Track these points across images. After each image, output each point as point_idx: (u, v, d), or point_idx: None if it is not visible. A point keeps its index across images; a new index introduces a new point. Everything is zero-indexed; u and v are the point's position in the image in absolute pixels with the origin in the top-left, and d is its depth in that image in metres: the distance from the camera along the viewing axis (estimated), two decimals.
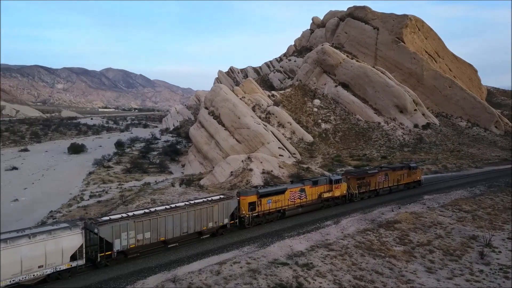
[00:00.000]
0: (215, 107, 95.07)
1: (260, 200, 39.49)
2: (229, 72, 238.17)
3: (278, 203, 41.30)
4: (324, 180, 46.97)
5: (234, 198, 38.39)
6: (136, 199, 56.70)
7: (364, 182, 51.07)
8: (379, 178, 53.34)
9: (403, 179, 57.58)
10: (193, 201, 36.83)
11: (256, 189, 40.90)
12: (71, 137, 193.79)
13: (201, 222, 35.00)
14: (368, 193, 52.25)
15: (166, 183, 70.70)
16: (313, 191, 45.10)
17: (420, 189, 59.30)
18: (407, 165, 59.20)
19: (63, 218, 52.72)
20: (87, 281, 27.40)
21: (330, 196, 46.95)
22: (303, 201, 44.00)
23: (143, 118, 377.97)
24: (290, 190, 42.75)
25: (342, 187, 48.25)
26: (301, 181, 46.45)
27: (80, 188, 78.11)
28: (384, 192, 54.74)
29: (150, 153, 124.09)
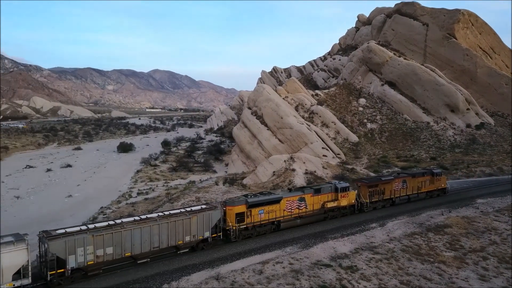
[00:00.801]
0: (258, 107, 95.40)
1: (250, 210, 35.52)
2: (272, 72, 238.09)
3: (272, 213, 37.20)
4: (328, 188, 42.36)
5: (217, 209, 34.03)
6: (182, 197, 57.99)
7: (376, 190, 46.20)
8: (395, 185, 48.21)
9: (425, 187, 51.99)
10: (168, 212, 32.69)
11: (245, 198, 36.80)
12: (120, 136, 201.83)
13: (176, 235, 31.04)
14: (382, 202, 47.20)
15: (210, 182, 71.77)
16: (315, 200, 40.54)
17: (472, 192, 56.20)
18: (430, 171, 53.67)
19: (113, 214, 54.95)
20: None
21: (335, 206, 42.08)
22: (302, 211, 39.55)
23: (189, 118, 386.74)
24: (286, 199, 38.45)
25: (350, 196, 43.42)
26: (301, 189, 41.91)
27: (128, 186, 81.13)
28: (402, 201, 49.42)
29: (195, 152, 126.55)
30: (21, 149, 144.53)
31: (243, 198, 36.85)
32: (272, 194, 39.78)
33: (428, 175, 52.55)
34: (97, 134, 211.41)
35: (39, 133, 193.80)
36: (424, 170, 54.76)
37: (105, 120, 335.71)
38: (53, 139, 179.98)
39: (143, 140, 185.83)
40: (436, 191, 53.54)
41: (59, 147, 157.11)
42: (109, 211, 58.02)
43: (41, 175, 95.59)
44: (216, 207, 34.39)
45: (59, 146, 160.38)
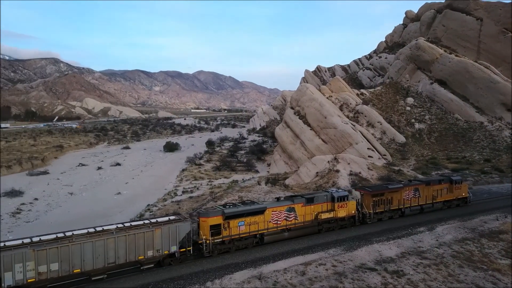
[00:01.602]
0: (301, 106, 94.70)
1: (228, 222, 32.26)
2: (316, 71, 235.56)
3: (254, 225, 33.67)
4: (323, 197, 38.43)
5: (186, 221, 30.82)
6: (225, 196, 58.69)
7: (382, 200, 41.95)
8: (405, 194, 43.75)
9: (441, 196, 46.92)
10: (129, 223, 29.88)
11: (222, 208, 33.37)
12: (167, 136, 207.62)
13: (136, 250, 28.10)
14: (389, 212, 42.81)
15: (253, 181, 72.06)
16: (308, 211, 36.82)
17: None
18: (448, 178, 48.49)
19: (159, 212, 56.54)
20: None
21: (331, 217, 38.11)
22: (291, 223, 35.86)
23: (232, 119, 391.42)
24: (272, 210, 34.82)
25: (349, 206, 39.29)
26: (290, 198, 37.80)
27: (174, 184, 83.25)
28: (413, 212, 44.87)
29: (238, 152, 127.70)
30: (74, 148, 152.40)
31: (219, 208, 33.32)
32: (255, 203, 35.43)
33: (445, 183, 47.51)
34: (144, 133, 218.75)
35: (91, 133, 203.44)
36: (441, 177, 49.66)
37: (152, 120, 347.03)
38: (103, 138, 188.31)
39: (188, 140, 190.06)
40: (455, 201, 48.31)
41: (109, 146, 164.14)
42: (155, 209, 59.80)
43: (93, 173, 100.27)
44: (186, 218, 31.30)
45: (109, 145, 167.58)
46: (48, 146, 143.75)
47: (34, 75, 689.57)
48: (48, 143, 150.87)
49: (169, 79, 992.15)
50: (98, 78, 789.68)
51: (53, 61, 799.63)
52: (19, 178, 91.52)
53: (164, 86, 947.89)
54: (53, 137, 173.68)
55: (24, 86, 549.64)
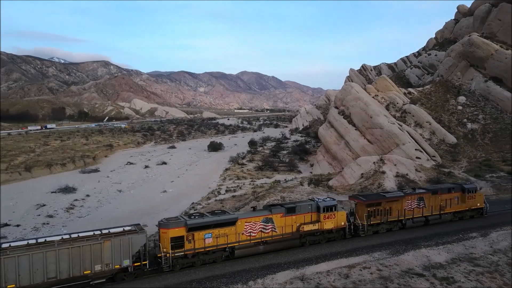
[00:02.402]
0: (345, 106, 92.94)
1: (192, 233, 29.66)
2: (361, 70, 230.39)
3: (223, 238, 30.81)
4: (307, 206, 34.95)
5: (142, 232, 28.40)
6: (267, 196, 58.73)
7: (379, 210, 37.89)
8: (407, 204, 39.52)
9: (451, 206, 42.16)
10: (76, 234, 27.47)
11: (185, 219, 30.65)
12: (211, 136, 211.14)
13: (82, 264, 25.92)
14: (386, 224, 38.53)
15: (295, 182, 71.63)
16: (288, 222, 33.69)
17: None
18: (460, 187, 43.59)
19: (203, 209, 57.49)
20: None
21: (315, 230, 34.77)
22: (268, 235, 32.80)
23: (274, 119, 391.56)
24: (245, 221, 31.97)
25: (338, 217, 35.65)
26: (268, 208, 34.53)
27: (217, 183, 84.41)
28: (416, 224, 40.18)
29: (280, 152, 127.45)
30: (123, 147, 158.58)
31: (183, 219, 30.72)
32: (226, 214, 32.67)
33: (456, 192, 42.66)
34: (189, 133, 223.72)
35: (139, 132, 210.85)
36: (451, 185, 44.83)
37: (197, 120, 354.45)
38: (150, 138, 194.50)
39: (231, 139, 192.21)
40: (468, 212, 43.37)
41: (155, 146, 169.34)
42: (199, 207, 60.87)
43: (140, 171, 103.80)
44: (142, 229, 28.89)
45: (155, 145, 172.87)
46: (99, 145, 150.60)
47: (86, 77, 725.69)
48: (99, 142, 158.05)
49: (213, 80, 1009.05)
50: (146, 80, 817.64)
51: (104, 63, 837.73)
52: (72, 175, 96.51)
53: (209, 87, 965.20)
54: (104, 137, 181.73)
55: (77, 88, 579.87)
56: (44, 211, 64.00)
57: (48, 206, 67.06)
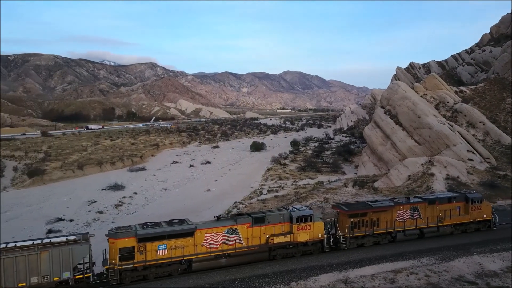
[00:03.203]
0: (392, 105, 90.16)
1: (144, 244, 27.87)
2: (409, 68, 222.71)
3: (179, 250, 28.68)
4: (278, 216, 32.09)
5: (84, 243, 26.50)
6: (310, 197, 58.15)
7: (364, 221, 34.59)
8: (398, 214, 35.95)
9: (451, 217, 37.88)
10: (13, 243, 25.84)
11: (136, 228, 28.59)
12: (253, 136, 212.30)
13: (16, 276, 24.12)
14: (373, 237, 35.08)
15: (339, 183, 70.42)
16: (256, 233, 31.01)
17: None
18: (463, 196, 39.26)
19: (246, 209, 57.85)
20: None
21: (288, 242, 31.91)
22: (231, 247, 30.28)
23: (318, 118, 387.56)
24: (206, 231, 29.65)
25: (313, 228, 32.58)
26: (233, 218, 31.95)
27: (259, 183, 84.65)
28: (409, 237, 36.36)
29: (323, 153, 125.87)
30: (169, 146, 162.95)
31: (133, 228, 28.71)
32: (184, 223, 30.02)
33: (458, 201, 38.60)
34: (232, 133, 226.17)
35: (184, 132, 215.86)
36: (452, 194, 40.57)
37: (240, 120, 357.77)
38: (195, 137, 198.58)
39: (273, 139, 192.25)
40: (473, 224, 39.01)
41: (200, 145, 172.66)
42: (242, 206, 61.31)
43: (185, 170, 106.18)
44: (87, 240, 27.08)
45: (200, 144, 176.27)
46: (146, 144, 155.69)
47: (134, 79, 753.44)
48: (146, 142, 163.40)
49: (256, 80, 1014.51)
50: (191, 81, 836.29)
51: (151, 65, 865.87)
52: (121, 173, 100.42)
53: (252, 87, 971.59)
54: (151, 136, 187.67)
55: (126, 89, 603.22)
56: (95, 207, 67.05)
57: (99, 203, 70.18)
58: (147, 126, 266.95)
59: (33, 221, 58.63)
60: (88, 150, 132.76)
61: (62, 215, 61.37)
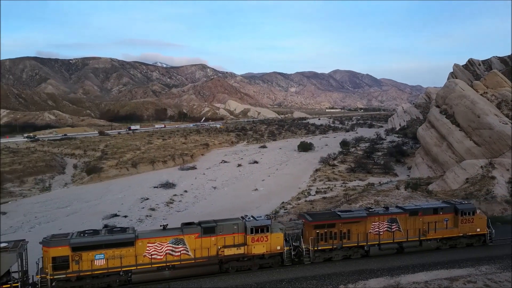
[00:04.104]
0: (448, 105, 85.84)
1: (80, 253, 26.26)
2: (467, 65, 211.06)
3: (117, 260, 27.06)
4: (231, 226, 29.61)
5: (12, 251, 24.57)
6: (360, 199, 56.73)
7: (331, 232, 31.31)
8: (373, 226, 32.44)
9: (436, 231, 33.62)
10: None
11: (69, 237, 26.85)
12: (301, 136, 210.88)
13: None
14: (342, 251, 31.81)
15: (390, 185, 68.15)
16: (205, 244, 28.77)
17: None
18: (452, 207, 34.85)
19: (293, 210, 57.53)
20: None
21: (240, 254, 29.36)
22: (176, 258, 28.27)
23: (368, 118, 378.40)
24: (148, 241, 27.83)
25: (271, 240, 29.86)
26: (180, 227, 29.58)
27: (307, 183, 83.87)
28: (385, 252, 32.64)
29: (374, 154, 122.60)
30: (218, 146, 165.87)
31: (69, 236, 27.08)
32: (126, 232, 28.17)
33: (446, 212, 34.28)
34: (280, 133, 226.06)
35: (232, 132, 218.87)
36: (439, 204, 36.00)
37: (287, 120, 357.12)
38: (243, 137, 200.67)
39: (322, 139, 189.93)
40: (464, 239, 34.60)
41: (248, 145, 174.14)
42: (289, 207, 61.05)
43: (233, 169, 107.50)
44: (16, 248, 24.94)
45: (248, 144, 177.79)
46: (196, 144, 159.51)
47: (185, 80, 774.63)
48: (196, 141, 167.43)
49: (305, 79, 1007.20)
50: (239, 81, 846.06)
51: (201, 67, 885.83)
52: (172, 172, 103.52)
53: (300, 87, 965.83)
54: (200, 136, 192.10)
55: (178, 90, 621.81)
56: (148, 204, 69.59)
57: (151, 200, 72.76)
58: (198, 126, 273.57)
59: (91, 216, 61.93)
60: (141, 149, 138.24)
61: (117, 211, 64.26)
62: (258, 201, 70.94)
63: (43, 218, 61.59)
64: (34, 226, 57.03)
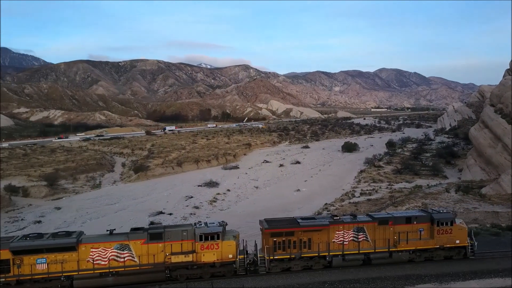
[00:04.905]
0: (504, 104, 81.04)
1: (21, 257, 26.00)
2: None
3: (59, 265, 26.53)
4: (180, 232, 28.40)
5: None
6: (406, 202, 54.86)
7: (290, 241, 29.52)
8: (337, 235, 30.33)
9: (408, 242, 30.96)
10: None
11: (10, 240, 26.72)
12: (345, 136, 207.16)
13: None
14: (302, 261, 29.87)
15: (440, 188, 65.36)
16: (152, 250, 27.85)
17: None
18: (428, 216, 31.99)
19: (336, 211, 56.53)
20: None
21: (188, 262, 28.12)
22: (120, 265, 27.48)
23: (416, 118, 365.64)
24: (91, 246, 27.17)
25: (222, 248, 28.39)
26: (127, 233, 28.93)
27: (351, 185, 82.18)
28: (349, 263, 30.31)
29: (422, 155, 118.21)
30: (260, 146, 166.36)
31: (9, 239, 26.95)
32: (71, 236, 27.70)
33: (421, 222, 31.51)
34: (323, 133, 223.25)
35: (274, 132, 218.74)
36: (413, 213, 33.38)
37: (331, 120, 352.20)
38: (285, 137, 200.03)
39: (367, 140, 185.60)
40: (441, 251, 31.56)
41: (290, 145, 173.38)
42: (332, 208, 60.07)
43: (275, 169, 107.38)
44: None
45: (290, 144, 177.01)
46: (239, 144, 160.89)
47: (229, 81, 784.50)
48: (239, 141, 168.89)
49: (349, 78, 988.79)
50: (282, 81, 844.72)
51: (244, 67, 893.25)
52: (215, 171, 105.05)
53: (344, 86, 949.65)
54: (243, 136, 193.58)
55: (221, 91, 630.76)
56: (192, 203, 71.03)
57: (195, 198, 74.22)
58: (240, 126, 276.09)
59: (138, 213, 64.10)
60: (186, 148, 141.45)
61: (163, 209, 66.07)
62: (300, 202, 70.42)
63: (94, 214, 64.51)
64: (86, 222, 59.84)
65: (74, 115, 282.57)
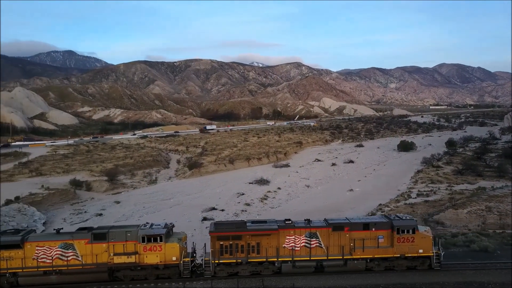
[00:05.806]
0: None
1: None
2: None
3: (4, 262, 27.43)
4: (124, 233, 28.48)
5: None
6: (468, 204, 51.69)
7: (237, 245, 28.60)
8: (288, 240, 29.02)
9: (365, 249, 28.91)
10: None
11: None
12: (401, 135, 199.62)
13: None
14: (249, 266, 28.75)
15: (506, 190, 60.98)
16: (96, 250, 28.05)
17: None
18: (388, 223, 29.80)
19: (391, 212, 54.48)
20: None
21: (131, 263, 28.07)
22: (63, 263, 27.86)
23: (480, 115, 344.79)
24: (37, 244, 27.96)
25: (166, 250, 28.14)
26: (71, 233, 29.35)
27: (407, 185, 79.00)
28: (299, 269, 28.70)
29: (486, 155, 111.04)
30: (311, 144, 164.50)
31: None
32: (15, 234, 28.61)
33: (380, 229, 29.49)
34: (378, 132, 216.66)
35: (327, 130, 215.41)
36: (372, 219, 31.50)
37: (386, 118, 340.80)
38: (338, 136, 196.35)
39: (425, 139, 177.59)
40: (404, 261, 29.36)
41: (343, 144, 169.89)
42: (387, 209, 58.03)
43: (327, 168, 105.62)
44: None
45: (343, 143, 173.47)
46: (290, 142, 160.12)
47: (280, 79, 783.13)
48: (290, 139, 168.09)
49: (406, 74, 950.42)
50: (335, 78, 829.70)
51: (296, 65, 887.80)
52: (266, 169, 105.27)
53: (400, 83, 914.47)
54: (294, 134, 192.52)
55: (273, 89, 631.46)
56: (243, 200, 71.70)
57: (246, 195, 74.83)
58: (291, 124, 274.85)
59: (191, 208, 65.77)
60: (238, 146, 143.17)
61: (215, 205, 67.29)
62: (353, 202, 68.69)
63: (150, 209, 67.07)
64: (143, 216, 62.32)
65: (132, 114, 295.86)
